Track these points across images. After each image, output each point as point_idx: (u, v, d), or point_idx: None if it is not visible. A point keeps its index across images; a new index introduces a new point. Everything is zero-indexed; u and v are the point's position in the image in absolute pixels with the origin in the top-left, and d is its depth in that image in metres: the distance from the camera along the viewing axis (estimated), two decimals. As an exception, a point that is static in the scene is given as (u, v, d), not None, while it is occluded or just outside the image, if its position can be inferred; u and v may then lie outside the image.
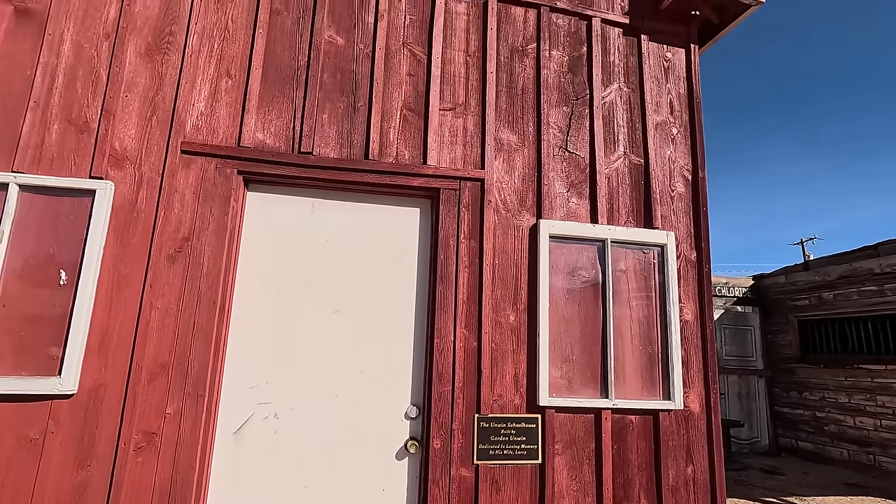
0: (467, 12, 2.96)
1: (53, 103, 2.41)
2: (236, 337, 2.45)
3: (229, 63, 2.62)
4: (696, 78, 3.18)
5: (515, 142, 2.85)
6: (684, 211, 2.98)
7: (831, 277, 7.85)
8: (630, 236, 2.83)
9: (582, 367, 2.66)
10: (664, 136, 3.06)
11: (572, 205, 2.84)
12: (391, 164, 2.65)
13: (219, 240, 2.41)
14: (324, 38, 2.73)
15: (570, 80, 3.01)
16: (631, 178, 2.95)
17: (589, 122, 2.97)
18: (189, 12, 2.62)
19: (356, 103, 2.71)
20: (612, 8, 3.17)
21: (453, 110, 2.81)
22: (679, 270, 2.87)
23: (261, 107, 2.60)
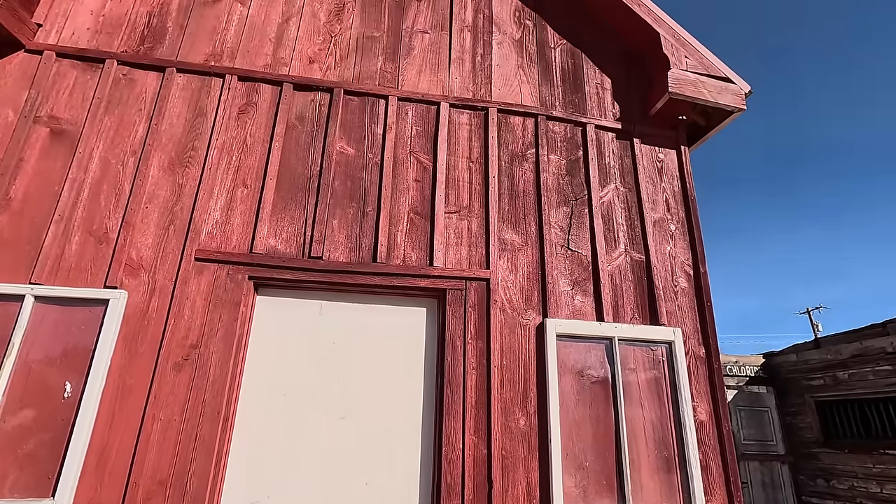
0: (469, 122, 3.17)
1: (76, 216, 2.53)
2: (239, 448, 2.38)
3: (246, 174, 2.77)
4: (689, 177, 3.33)
5: (519, 242, 2.93)
6: (689, 306, 3.00)
7: (843, 356, 7.68)
8: (637, 334, 2.82)
9: (597, 473, 2.55)
10: (663, 232, 3.16)
11: (577, 302, 2.86)
12: (399, 267, 2.71)
13: (226, 347, 2.41)
14: (335, 148, 2.91)
15: (568, 182, 3.16)
16: (633, 275, 3.00)
17: (589, 220, 3.08)
18: (211, 129, 2.82)
19: (365, 208, 2.83)
20: (604, 115, 3.39)
21: (458, 213, 2.93)
22: (689, 367, 2.84)
23: (274, 214, 2.71)
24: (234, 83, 2.94)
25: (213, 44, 3.03)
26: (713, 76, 3.32)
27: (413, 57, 3.28)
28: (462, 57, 3.36)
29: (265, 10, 3.21)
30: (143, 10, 3.05)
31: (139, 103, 2.82)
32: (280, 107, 2.94)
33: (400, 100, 3.12)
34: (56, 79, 2.78)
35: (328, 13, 3.28)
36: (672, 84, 3.20)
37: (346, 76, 3.12)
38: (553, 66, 3.48)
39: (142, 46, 2.94)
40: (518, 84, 3.36)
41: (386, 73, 3.19)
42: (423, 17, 3.41)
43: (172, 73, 2.89)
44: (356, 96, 3.08)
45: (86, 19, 2.95)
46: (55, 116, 2.70)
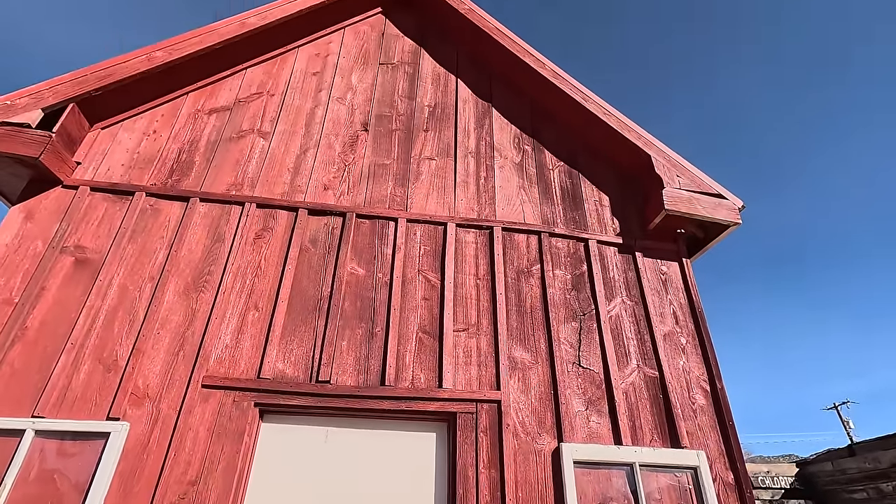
0: (475, 240, 3.29)
1: (89, 343, 2.55)
2: None
3: (258, 297, 2.83)
4: (694, 288, 3.37)
5: (529, 360, 2.90)
6: (710, 426, 2.87)
7: (883, 465, 7.13)
8: (658, 458, 2.67)
9: None
10: (674, 346, 3.12)
11: (593, 424, 2.75)
12: (407, 389, 2.66)
13: (226, 482, 2.29)
14: (346, 270, 3.00)
15: (575, 297, 3.20)
16: (648, 392, 2.92)
17: (598, 336, 3.06)
18: (228, 254, 2.94)
19: (374, 329, 2.84)
20: (605, 231, 3.53)
21: (466, 331, 2.93)
22: (718, 496, 2.64)
23: (283, 337, 2.73)
24: (252, 210, 3.12)
25: (235, 175, 3.27)
26: (706, 193, 3.49)
27: (421, 181, 3.51)
28: (467, 180, 3.58)
29: (285, 143, 3.50)
30: (175, 146, 3.34)
31: (161, 231, 2.97)
32: (295, 231, 3.09)
33: (409, 221, 3.27)
34: (87, 211, 2.97)
35: (343, 144, 3.57)
36: (668, 201, 3.36)
37: (358, 201, 3.31)
38: (552, 185, 3.69)
39: (170, 179, 3.17)
40: (520, 203, 3.54)
41: (396, 197, 3.39)
42: (430, 146, 3.70)
43: (195, 202, 3.09)
44: (367, 219, 3.24)
45: (121, 156, 3.22)
46: (81, 246, 2.84)
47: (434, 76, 4.12)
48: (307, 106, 3.72)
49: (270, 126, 3.55)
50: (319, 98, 3.78)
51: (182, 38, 3.46)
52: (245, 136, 3.48)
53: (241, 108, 3.61)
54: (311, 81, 3.87)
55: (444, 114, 3.91)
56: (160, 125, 3.41)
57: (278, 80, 3.82)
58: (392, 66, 4.11)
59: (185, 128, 3.44)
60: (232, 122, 3.53)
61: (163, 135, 3.37)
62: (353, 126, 3.68)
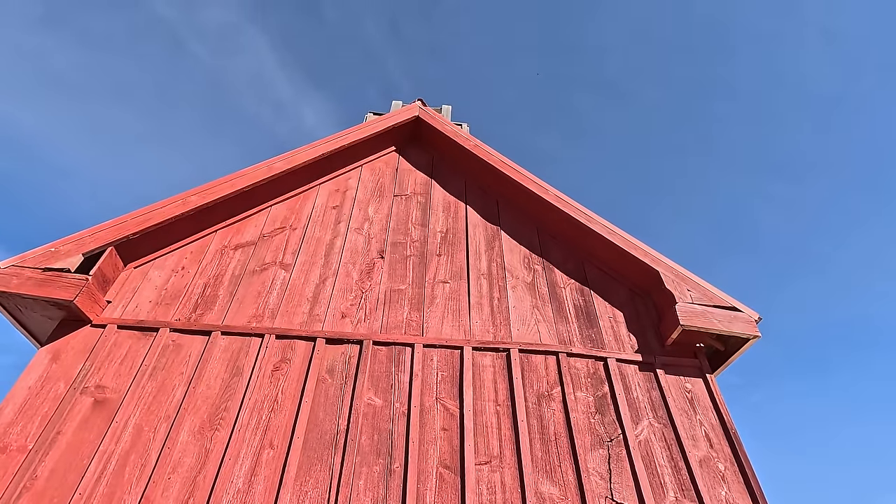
0: (493, 364, 3.27)
1: (97, 493, 2.45)
2: None
3: (274, 434, 2.76)
4: (723, 406, 3.23)
5: (557, 495, 2.71)
6: (767, 570, 2.57)
7: None
8: None
9: None
10: (712, 474, 2.91)
11: None
12: (429, 535, 2.46)
13: None
14: (363, 400, 2.96)
15: (600, 421, 3.07)
16: (692, 530, 2.67)
17: (629, 464, 2.88)
18: (245, 388, 2.93)
19: (392, 465, 2.71)
20: (622, 348, 3.50)
21: (489, 464, 2.78)
22: None
23: (298, 478, 2.61)
24: (271, 342, 3.17)
25: (257, 307, 3.38)
26: (719, 307, 3.51)
27: (436, 305, 3.58)
28: (480, 302, 3.66)
29: (305, 273, 3.66)
30: (201, 281, 3.50)
31: (182, 367, 3.00)
32: (312, 362, 3.10)
33: (425, 346, 3.29)
34: (112, 349, 3.04)
35: (360, 272, 3.72)
36: (682, 317, 3.37)
37: (374, 327, 3.37)
38: (566, 303, 3.75)
39: (193, 314, 3.28)
40: (535, 323, 3.57)
41: (412, 322, 3.44)
42: (443, 269, 3.84)
43: (217, 335, 3.16)
44: (384, 346, 3.26)
45: (150, 293, 3.37)
46: (102, 385, 2.86)
47: (445, 204, 4.42)
48: (327, 237, 3.95)
49: (292, 258, 3.75)
50: (338, 229, 4.03)
51: (215, 182, 3.81)
52: (268, 268, 3.66)
53: (265, 242, 3.85)
54: (331, 214, 4.15)
55: (455, 238, 4.12)
56: (189, 262, 3.62)
57: (300, 214, 4.11)
58: (405, 197, 4.43)
59: (211, 263, 3.64)
60: (256, 256, 3.73)
61: (190, 271, 3.56)
62: (370, 254, 3.87)
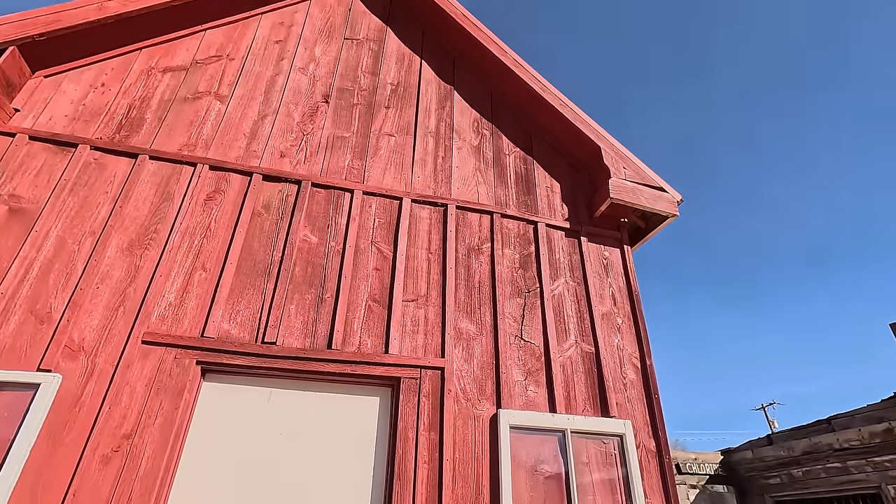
0: (430, 217, 3.37)
1: (21, 294, 2.45)
2: (162, 555, 2.15)
3: (206, 258, 2.80)
4: (633, 274, 3.58)
5: (474, 331, 3.01)
6: (638, 398, 3.08)
7: (796, 453, 7.77)
8: (589, 426, 2.85)
9: (552, 581, 2.42)
10: (611, 325, 3.32)
11: (531, 393, 2.90)
12: (353, 354, 2.71)
13: (163, 437, 2.27)
14: (299, 236, 3.01)
15: (521, 275, 3.34)
16: (584, 366, 3.10)
17: (541, 312, 3.21)
18: (176, 214, 2.89)
19: (324, 295, 2.87)
20: (554, 215, 3.69)
21: (415, 301, 3.01)
22: (640, 461, 2.85)
23: (230, 298, 2.72)
24: (204, 172, 3.07)
25: (189, 135, 3.20)
26: (649, 185, 3.72)
27: (379, 156, 3.55)
28: (425, 158, 3.65)
29: (243, 108, 3.45)
30: (125, 101, 3.23)
31: (106, 186, 2.88)
32: (248, 195, 3.07)
33: (365, 193, 3.31)
34: (25, 160, 2.84)
35: (302, 114, 3.56)
36: (613, 191, 3.55)
37: (314, 170, 3.32)
38: (507, 170, 3.82)
39: (117, 134, 3.07)
40: (475, 184, 3.65)
41: (353, 170, 3.42)
42: (390, 122, 3.74)
43: (145, 160, 3.01)
44: (323, 189, 3.25)
45: (65, 107, 3.09)
46: (16, 195, 2.72)
47: (399, 55, 4.16)
48: (267, 73, 3.68)
49: (228, 90, 3.49)
50: (281, 66, 3.75)
51: (138, -10, 3.34)
52: (201, 97, 3.41)
53: (198, 69, 3.53)
54: (274, 49, 3.82)
55: (406, 92, 3.96)
56: (109, 79, 3.29)
57: (239, 44, 3.76)
58: (357, 42, 4.12)
59: (136, 84, 3.33)
60: (188, 83, 3.44)
61: (112, 89, 3.25)
62: (314, 97, 3.68)
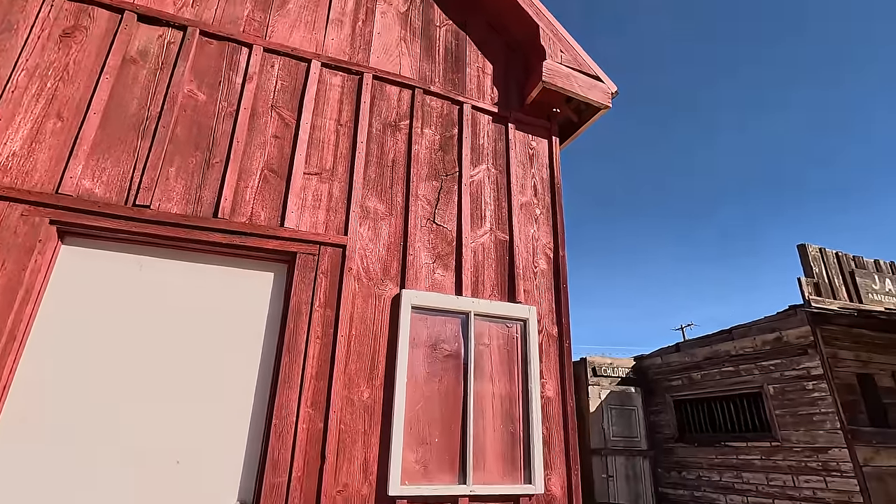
0: (342, 84, 3.02)
1: None
2: (16, 421, 1.97)
3: (62, 105, 2.37)
4: (557, 166, 3.45)
5: (383, 211, 2.82)
6: (546, 287, 3.07)
7: (698, 359, 8.56)
8: (494, 310, 2.82)
9: (440, 449, 2.47)
10: (528, 215, 3.22)
11: (438, 276, 2.80)
12: (244, 225, 2.46)
13: (6, 299, 2.00)
14: (182, 90, 2.60)
15: (440, 158, 3.12)
16: (496, 254, 3.02)
17: (457, 197, 3.05)
18: (21, 48, 2.38)
19: (211, 159, 2.54)
20: (482, 97, 3.42)
21: (319, 175, 2.75)
22: (541, 345, 2.89)
23: (94, 153, 2.34)
24: (57, 2, 2.52)
25: (39, -46, 2.59)
26: (585, 73, 3.48)
27: (287, 10, 3.07)
28: (342, 19, 3.20)
29: (114, -70, 2.81)
30: None
31: (-77, 4, 2.31)
32: (118, 37, 2.57)
33: (266, 50, 2.88)
34: None
35: (191, -53, 2.96)
36: (546, 74, 3.30)
37: (205, 17, 2.83)
38: (437, 43, 3.45)
39: (-64, -61, 2.42)
40: (399, 55, 3.28)
41: (254, 21, 2.94)
42: (302, -28, 3.21)
43: (-24, -24, 2.41)
44: (215, 39, 2.79)
45: None
46: None
47: None
48: None
49: None
50: None
51: None
52: None
53: None
54: None
55: (325, -60, 3.38)
56: None
57: None
58: None
59: None
60: None
61: None
62: (209, -71, 3.05)
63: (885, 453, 6.38)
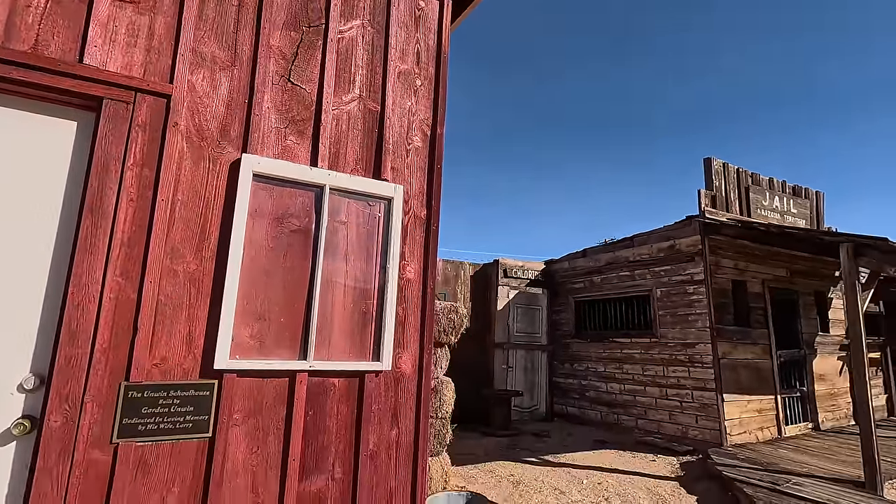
0: None
1: None
2: None
3: None
4: (447, 33, 3.08)
5: (224, 59, 2.38)
6: (419, 166, 2.85)
7: (601, 263, 9.03)
8: (354, 185, 2.58)
9: (281, 326, 2.34)
10: (407, 86, 2.89)
11: (290, 143, 2.48)
12: (25, 55, 1.97)
13: None
14: None
15: (303, 5, 2.64)
16: (364, 125, 2.71)
17: (321, 55, 2.64)
18: None
19: (-27, -38, 1.95)
20: (361, -64, 2.88)
21: (135, 5, 2.22)
22: (406, 227, 2.73)
23: None
24: None
25: None
26: (485, -78, 3.00)
27: None
28: None
29: None
30: None
31: None
32: None
33: None
34: None
35: None
36: (437, -86, 2.80)
37: None
38: None
39: None
40: None
41: None
42: None
43: None
44: None
45: None
46: None
47: None
48: None
49: None
50: None
51: None
52: None
53: None
54: None
55: None
56: None
57: None
58: None
59: None
60: None
61: None
62: None
63: (741, 348, 7.23)
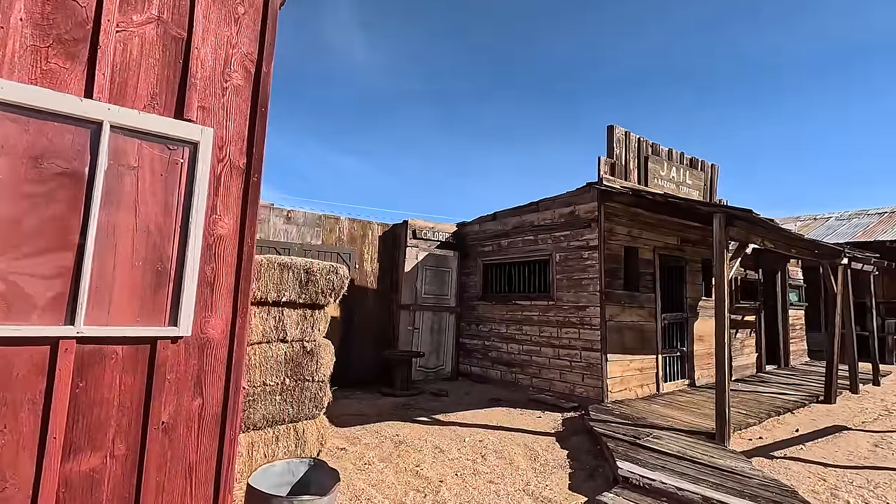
0: None
1: None
2: None
3: None
4: (282, -45, 2.68)
5: (-49, -48, 1.89)
6: (239, 109, 2.51)
7: (508, 227, 9.08)
8: (147, 124, 2.21)
9: (40, 287, 1.99)
10: (226, 12, 2.50)
11: (54, 66, 2.06)
12: None
13: None
14: None
15: None
16: (164, 53, 2.32)
17: (104, -39, 2.19)
18: None
19: None
20: None
21: None
22: (220, 177, 2.42)
23: None
24: None
25: None
26: None
27: None
28: None
29: None
30: None
31: None
32: None
33: None
34: None
35: None
36: None
37: None
38: None
39: None
40: None
41: None
42: None
43: None
44: None
45: None
46: None
47: None
48: None
49: None
50: None
51: None
52: None
53: None
54: None
55: None
56: None
57: None
58: None
59: None
60: None
61: None
62: None
63: (628, 311, 7.59)
